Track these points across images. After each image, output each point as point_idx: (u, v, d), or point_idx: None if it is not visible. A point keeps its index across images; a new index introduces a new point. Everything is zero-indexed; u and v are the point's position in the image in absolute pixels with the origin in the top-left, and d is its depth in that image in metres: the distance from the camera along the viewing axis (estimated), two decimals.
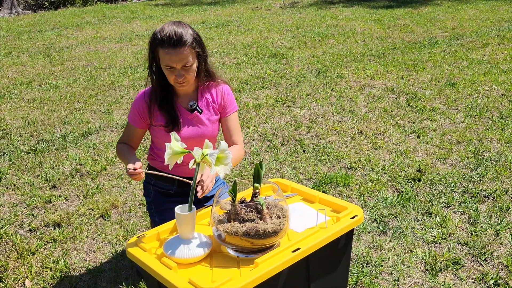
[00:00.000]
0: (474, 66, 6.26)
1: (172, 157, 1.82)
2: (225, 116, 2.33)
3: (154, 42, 2.07)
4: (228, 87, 2.34)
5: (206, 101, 2.28)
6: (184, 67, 2.06)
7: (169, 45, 2.01)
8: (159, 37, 2.03)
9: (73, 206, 3.50)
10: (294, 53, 7.43)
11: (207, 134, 2.28)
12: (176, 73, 2.07)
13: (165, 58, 2.04)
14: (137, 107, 2.24)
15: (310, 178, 3.70)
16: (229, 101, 2.32)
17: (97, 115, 5.31)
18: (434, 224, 3.03)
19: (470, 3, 10.97)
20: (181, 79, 2.09)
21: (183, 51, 2.03)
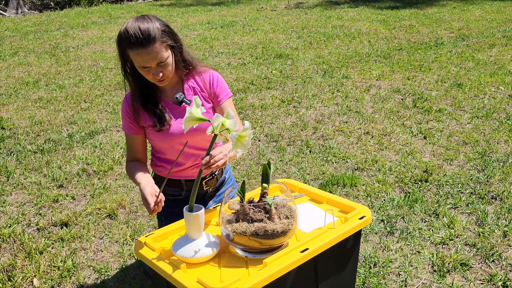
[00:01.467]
0: (480, 67, 6.24)
1: (189, 122, 1.72)
2: (219, 104, 2.17)
3: (122, 44, 1.91)
4: (215, 73, 2.18)
5: (193, 91, 2.14)
6: (159, 64, 1.93)
7: (137, 45, 1.86)
8: (124, 38, 1.88)
9: (80, 205, 3.51)
10: (299, 53, 7.42)
11: (201, 125, 2.06)
12: (153, 71, 1.93)
13: (137, 59, 1.90)
14: (124, 113, 2.12)
15: (316, 179, 3.69)
16: (219, 88, 2.16)
17: (104, 115, 5.32)
18: (442, 225, 3.03)
19: (476, 3, 10.94)
20: (160, 77, 1.95)
21: (154, 48, 1.88)
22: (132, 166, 2.13)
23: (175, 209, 2.33)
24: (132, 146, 2.17)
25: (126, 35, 1.90)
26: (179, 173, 2.24)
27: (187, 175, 2.24)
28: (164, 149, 2.17)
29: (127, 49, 1.92)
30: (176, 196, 2.32)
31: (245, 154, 4.18)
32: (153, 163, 2.30)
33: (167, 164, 2.23)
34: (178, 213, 2.33)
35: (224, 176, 2.42)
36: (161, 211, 2.36)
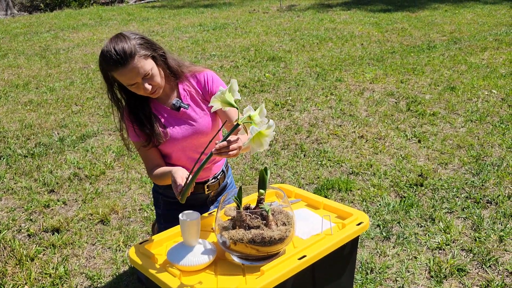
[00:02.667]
0: (473, 70, 6.26)
1: (217, 102, 1.67)
2: None
3: (103, 68, 1.93)
4: (210, 72, 2.15)
5: (189, 94, 2.12)
6: (145, 77, 1.91)
7: (117, 66, 1.86)
8: (103, 62, 1.89)
9: (72, 211, 3.46)
10: (292, 56, 7.41)
11: (202, 129, 2.11)
12: (142, 86, 1.92)
13: (122, 79, 1.90)
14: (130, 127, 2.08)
15: (311, 183, 3.67)
16: (216, 86, 2.13)
17: (95, 118, 5.26)
18: (438, 230, 3.01)
19: (467, 7, 10.99)
20: (150, 90, 1.94)
21: (134, 64, 1.87)
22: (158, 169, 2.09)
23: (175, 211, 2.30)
24: (148, 155, 2.12)
25: (104, 58, 1.90)
26: None
27: None
28: (172, 154, 2.16)
29: (109, 72, 1.92)
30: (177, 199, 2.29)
31: (239, 158, 4.14)
32: None
33: None
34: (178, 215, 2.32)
35: (226, 181, 2.39)
36: (161, 213, 2.34)
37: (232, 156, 1.77)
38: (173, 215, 2.26)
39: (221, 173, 2.33)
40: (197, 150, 2.16)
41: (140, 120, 2.06)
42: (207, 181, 2.26)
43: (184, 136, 2.10)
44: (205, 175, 2.25)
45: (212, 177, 2.28)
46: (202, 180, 2.25)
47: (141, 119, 2.06)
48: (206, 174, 2.25)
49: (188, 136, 2.12)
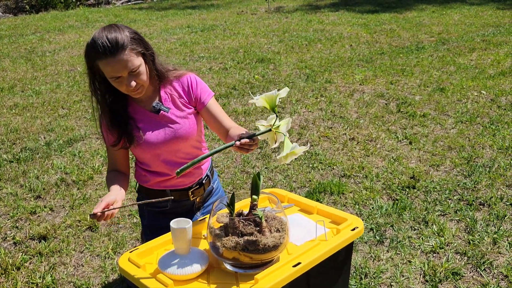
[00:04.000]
0: (461, 71, 6.27)
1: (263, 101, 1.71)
2: (204, 105, 2.07)
3: (90, 56, 1.83)
4: (193, 75, 2.08)
5: (171, 97, 2.04)
6: (131, 72, 1.84)
7: (106, 55, 1.77)
8: (92, 49, 1.80)
9: (59, 217, 3.38)
10: (281, 57, 7.37)
11: (182, 133, 2.04)
12: (126, 81, 1.84)
13: (107, 69, 1.80)
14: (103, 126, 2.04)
15: (303, 186, 3.63)
16: (200, 89, 2.07)
17: (82, 122, 5.18)
18: (431, 233, 2.98)
19: (454, 8, 11.05)
20: (134, 87, 1.85)
21: (124, 55, 1.79)
22: (112, 176, 2.04)
23: (161, 221, 2.23)
24: (114, 158, 2.08)
25: (94, 45, 1.82)
26: (163, 183, 2.15)
27: (173, 184, 2.14)
28: (147, 159, 2.08)
29: (95, 60, 1.84)
30: (162, 207, 2.22)
31: (230, 161, 4.09)
32: (138, 174, 2.20)
33: (154, 177, 2.13)
34: (165, 226, 2.23)
35: (212, 186, 2.33)
36: (147, 224, 2.27)
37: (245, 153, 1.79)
38: (159, 225, 2.18)
39: (206, 178, 2.27)
40: (176, 154, 2.09)
41: (115, 118, 1.99)
42: (191, 187, 2.19)
43: (162, 140, 2.04)
44: (188, 180, 2.18)
45: (195, 183, 2.21)
46: (186, 186, 2.18)
47: (116, 117, 1.99)
48: (189, 179, 2.18)
49: (167, 141, 2.05)
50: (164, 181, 2.14)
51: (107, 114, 1.99)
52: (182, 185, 2.17)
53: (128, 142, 2.00)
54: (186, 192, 2.18)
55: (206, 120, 2.14)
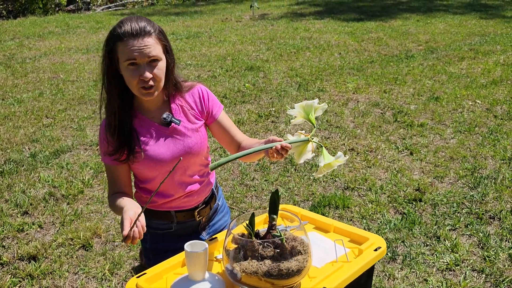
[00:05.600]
0: (453, 80, 6.24)
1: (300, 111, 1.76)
2: (215, 118, 1.95)
3: (112, 39, 1.71)
4: (203, 87, 1.96)
5: (181, 109, 1.89)
6: (150, 63, 1.70)
7: (130, 35, 1.67)
8: (118, 31, 1.69)
9: (50, 235, 3.17)
10: (270, 65, 7.25)
11: (193, 146, 1.88)
12: (141, 70, 1.69)
13: (126, 51, 1.67)
14: (104, 141, 1.83)
15: (306, 200, 3.49)
16: (212, 102, 1.94)
17: (69, 132, 4.95)
18: (445, 249, 2.87)
19: (438, 17, 11.11)
20: (148, 78, 1.69)
21: (148, 40, 1.69)
22: (117, 196, 1.82)
23: (165, 244, 2.06)
24: (115, 178, 1.87)
25: (120, 26, 1.71)
26: (168, 204, 1.98)
27: (178, 205, 1.98)
28: (151, 178, 1.90)
29: (116, 42, 1.70)
30: (166, 229, 2.04)
31: (227, 174, 3.93)
32: (138, 195, 2.01)
33: (158, 198, 1.96)
34: (169, 249, 2.06)
35: (217, 203, 2.17)
36: (149, 248, 2.08)
37: (279, 159, 1.73)
38: (163, 248, 2.03)
39: (212, 196, 2.11)
40: (185, 172, 1.93)
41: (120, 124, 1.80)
42: (197, 207, 2.03)
43: (171, 156, 1.87)
44: (194, 200, 2.02)
45: (202, 202, 2.05)
46: (192, 206, 2.02)
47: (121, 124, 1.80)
48: (195, 199, 2.02)
49: (178, 156, 1.88)
50: (169, 202, 1.97)
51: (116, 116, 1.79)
52: (188, 205, 2.00)
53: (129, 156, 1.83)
54: (191, 212, 2.02)
55: (216, 133, 2.00)
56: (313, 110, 1.75)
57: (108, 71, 1.77)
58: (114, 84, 1.78)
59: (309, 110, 1.77)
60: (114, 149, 1.82)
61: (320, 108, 1.77)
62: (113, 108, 1.80)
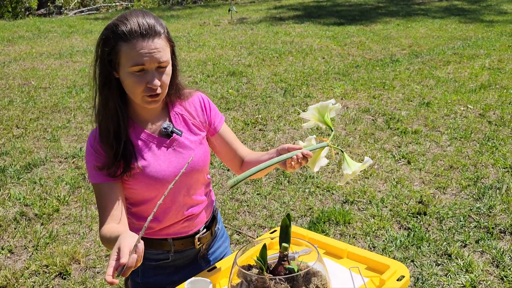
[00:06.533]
0: (442, 84, 6.10)
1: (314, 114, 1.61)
2: (216, 131, 1.72)
3: (113, 38, 1.44)
4: (203, 95, 1.72)
5: (182, 119, 1.66)
6: (159, 68, 1.46)
7: (138, 36, 1.42)
8: (121, 29, 1.43)
9: (21, 261, 2.84)
10: (253, 70, 7.00)
11: (197, 161, 1.63)
12: (150, 77, 1.45)
13: (133, 54, 1.42)
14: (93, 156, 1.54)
15: (304, 216, 3.24)
16: (214, 112, 1.72)
17: (42, 143, 4.60)
18: (458, 268, 2.65)
19: (417, 21, 11.05)
20: (156, 86, 1.45)
21: (159, 41, 1.45)
22: (111, 226, 1.49)
23: (160, 277, 1.78)
24: (108, 200, 1.54)
25: (123, 23, 1.44)
26: (165, 231, 1.70)
27: (176, 231, 1.70)
28: (150, 199, 1.62)
29: (119, 42, 1.44)
30: (162, 260, 1.75)
31: (216, 188, 3.65)
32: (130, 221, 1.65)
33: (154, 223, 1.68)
34: (164, 282, 1.79)
35: (218, 227, 1.90)
36: (141, 282, 1.79)
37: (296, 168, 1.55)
38: (157, 282, 1.74)
39: (212, 219, 1.85)
40: (189, 192, 1.67)
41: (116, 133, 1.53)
42: (197, 232, 1.76)
43: (175, 172, 1.60)
44: (195, 225, 1.74)
45: (202, 227, 1.78)
46: (191, 232, 1.74)
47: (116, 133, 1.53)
48: (196, 223, 1.75)
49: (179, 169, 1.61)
50: (166, 228, 1.70)
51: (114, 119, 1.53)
52: (187, 230, 1.73)
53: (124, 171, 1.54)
54: (191, 239, 1.75)
55: (217, 147, 1.75)
56: (328, 111, 1.61)
57: (105, 75, 1.50)
58: (111, 87, 1.51)
59: (324, 112, 1.61)
60: (108, 161, 1.53)
61: (334, 109, 1.62)
62: (111, 112, 1.53)
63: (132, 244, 1.22)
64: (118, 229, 1.44)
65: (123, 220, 1.54)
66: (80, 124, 5.03)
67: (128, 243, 1.22)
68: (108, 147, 1.54)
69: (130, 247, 1.20)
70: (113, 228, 1.47)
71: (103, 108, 1.54)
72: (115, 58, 1.46)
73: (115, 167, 1.54)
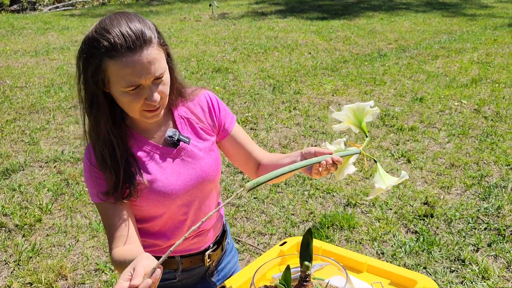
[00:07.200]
0: (433, 79, 5.98)
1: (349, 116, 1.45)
2: (228, 133, 1.51)
3: (95, 55, 1.22)
4: (211, 93, 1.52)
5: (188, 123, 1.46)
6: (156, 80, 1.26)
7: (126, 50, 1.20)
8: (104, 44, 1.20)
9: (2, 279, 2.59)
10: (239, 67, 6.80)
11: (208, 170, 1.44)
12: (147, 93, 1.25)
13: (123, 73, 1.21)
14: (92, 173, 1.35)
15: (305, 221, 3.06)
16: (224, 111, 1.51)
17: (19, 146, 4.32)
18: (473, 275, 2.51)
19: (400, 15, 10.97)
20: (156, 102, 1.26)
21: (151, 52, 1.23)
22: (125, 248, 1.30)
23: None
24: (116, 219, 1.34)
25: (103, 35, 1.21)
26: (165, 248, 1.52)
27: (185, 248, 1.53)
28: (157, 216, 1.44)
29: (104, 59, 1.21)
30: (168, 280, 1.56)
31: None
32: None
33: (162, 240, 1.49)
34: None
35: (228, 241, 1.72)
36: None
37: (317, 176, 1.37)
38: None
39: (223, 233, 1.67)
40: (200, 206, 1.48)
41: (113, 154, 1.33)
42: (207, 249, 1.57)
43: (184, 186, 1.41)
44: (205, 241, 1.56)
45: (213, 241, 1.60)
46: (201, 249, 1.56)
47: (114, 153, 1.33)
48: (206, 239, 1.56)
49: (192, 186, 1.43)
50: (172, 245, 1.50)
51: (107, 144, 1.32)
52: (197, 247, 1.55)
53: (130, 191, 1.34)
54: (201, 256, 1.57)
55: (230, 151, 1.56)
56: (365, 114, 1.44)
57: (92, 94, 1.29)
58: (100, 107, 1.30)
59: (360, 116, 1.44)
60: (110, 186, 1.34)
61: (370, 113, 1.43)
62: (103, 136, 1.33)
63: (149, 266, 1.04)
64: (134, 251, 1.26)
65: (134, 240, 1.35)
66: (61, 126, 4.76)
67: (145, 265, 1.05)
68: (107, 173, 1.34)
69: (146, 269, 1.03)
70: (128, 250, 1.28)
71: (95, 131, 1.34)
72: (103, 77, 1.25)
73: (121, 190, 1.34)
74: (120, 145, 1.36)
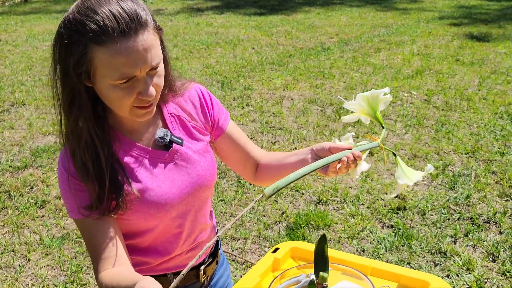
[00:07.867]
0: (379, 71, 6.03)
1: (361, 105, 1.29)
2: (223, 131, 1.33)
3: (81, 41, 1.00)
4: (201, 87, 1.32)
5: (179, 121, 1.26)
6: (151, 71, 1.05)
7: (119, 34, 0.99)
8: (91, 27, 0.99)
9: None
10: (183, 64, 6.54)
11: (204, 175, 1.26)
12: (142, 86, 1.05)
13: (116, 63, 1.00)
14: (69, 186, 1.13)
15: (278, 222, 2.90)
16: (217, 107, 1.33)
17: None
18: (457, 267, 2.46)
19: (336, 10, 11.10)
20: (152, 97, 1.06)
21: (148, 36, 1.02)
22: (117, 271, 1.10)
23: None
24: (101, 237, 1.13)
25: (93, 19, 0.98)
26: (165, 265, 1.32)
27: (178, 264, 1.33)
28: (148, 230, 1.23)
29: (90, 45, 0.99)
30: None
31: None
32: None
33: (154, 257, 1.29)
34: None
35: (220, 252, 1.54)
36: None
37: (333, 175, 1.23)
38: None
39: (216, 245, 1.49)
40: (196, 216, 1.30)
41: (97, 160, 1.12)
42: (202, 263, 1.39)
43: (178, 195, 1.22)
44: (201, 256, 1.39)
45: (208, 255, 1.42)
46: (196, 264, 1.38)
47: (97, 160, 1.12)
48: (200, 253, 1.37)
49: (187, 194, 1.24)
50: (167, 262, 1.31)
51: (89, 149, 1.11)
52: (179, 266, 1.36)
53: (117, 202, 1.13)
54: (195, 271, 1.39)
55: (225, 151, 1.37)
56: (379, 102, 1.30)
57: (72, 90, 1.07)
58: (82, 105, 1.08)
59: (375, 104, 1.29)
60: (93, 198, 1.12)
61: (383, 101, 1.30)
62: (84, 140, 1.10)
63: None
64: (126, 274, 1.06)
65: (125, 261, 1.14)
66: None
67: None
68: (90, 184, 1.12)
69: None
70: (119, 273, 1.08)
71: (74, 135, 1.11)
72: (88, 67, 1.03)
73: (106, 203, 1.12)
74: (104, 149, 1.14)
